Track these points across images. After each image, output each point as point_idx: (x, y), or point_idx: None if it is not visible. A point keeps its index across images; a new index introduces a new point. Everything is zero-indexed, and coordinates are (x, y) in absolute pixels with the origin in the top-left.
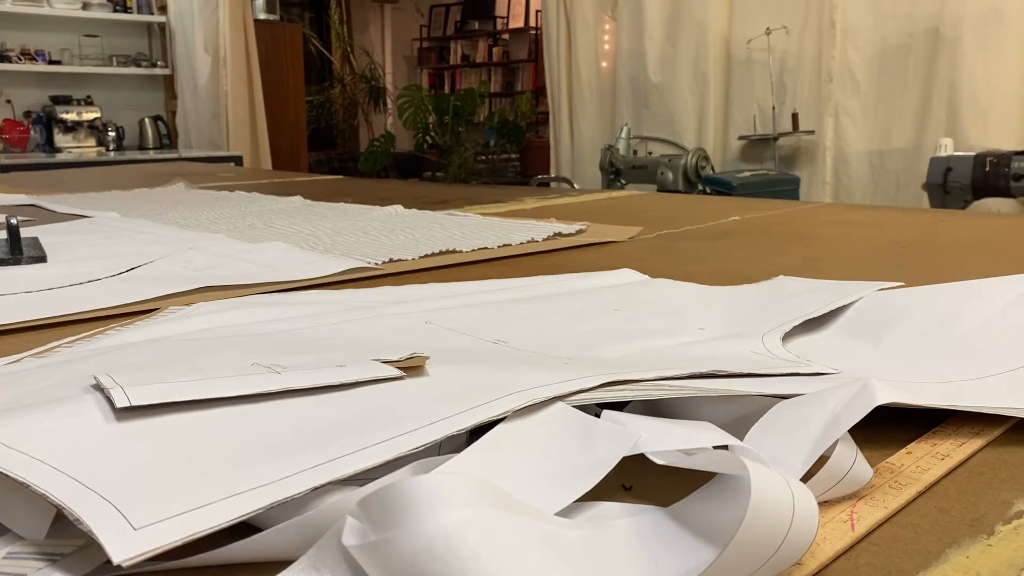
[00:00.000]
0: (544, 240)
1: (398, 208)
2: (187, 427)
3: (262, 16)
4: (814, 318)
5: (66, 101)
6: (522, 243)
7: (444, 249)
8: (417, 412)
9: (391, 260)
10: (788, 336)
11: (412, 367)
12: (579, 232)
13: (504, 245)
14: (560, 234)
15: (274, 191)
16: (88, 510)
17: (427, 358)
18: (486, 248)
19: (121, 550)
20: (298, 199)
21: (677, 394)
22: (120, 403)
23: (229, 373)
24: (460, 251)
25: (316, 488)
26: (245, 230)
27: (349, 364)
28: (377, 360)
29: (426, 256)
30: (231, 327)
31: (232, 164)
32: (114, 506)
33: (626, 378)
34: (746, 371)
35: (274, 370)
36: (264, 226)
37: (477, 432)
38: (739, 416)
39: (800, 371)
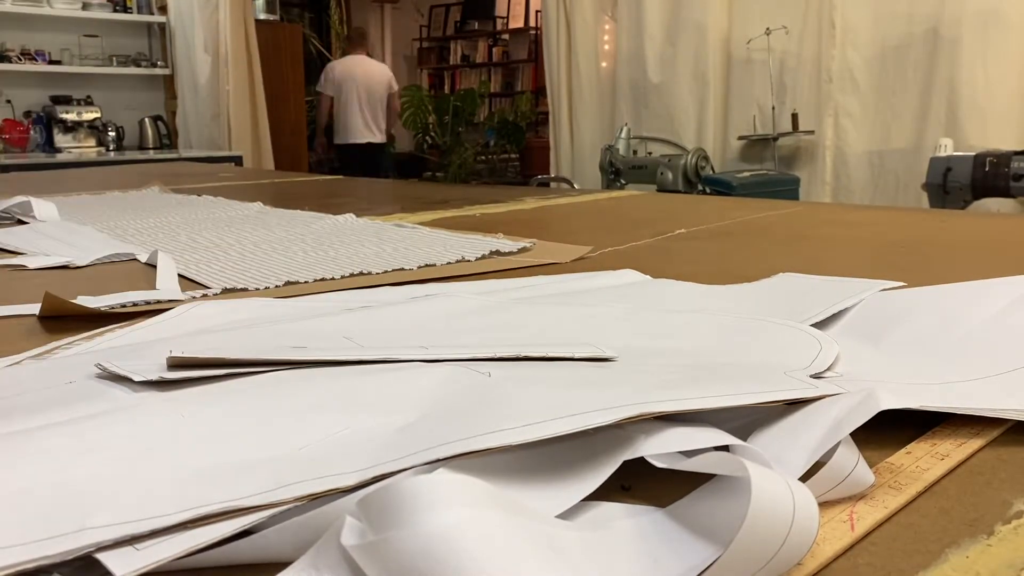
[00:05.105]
0: (477, 260)
1: (350, 217)
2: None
3: (262, 16)
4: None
5: (66, 101)
6: (449, 263)
7: (355, 271)
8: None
9: (286, 283)
10: None
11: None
12: (522, 251)
13: (426, 266)
14: (499, 252)
15: (273, 191)
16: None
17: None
18: (402, 270)
19: (122, 565)
20: (257, 205)
21: (697, 407)
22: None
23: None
24: (371, 272)
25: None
26: (167, 241)
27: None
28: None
29: (321, 280)
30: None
31: (232, 164)
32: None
33: (668, 409)
34: (768, 397)
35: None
36: (187, 239)
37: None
38: (746, 422)
39: (810, 394)
